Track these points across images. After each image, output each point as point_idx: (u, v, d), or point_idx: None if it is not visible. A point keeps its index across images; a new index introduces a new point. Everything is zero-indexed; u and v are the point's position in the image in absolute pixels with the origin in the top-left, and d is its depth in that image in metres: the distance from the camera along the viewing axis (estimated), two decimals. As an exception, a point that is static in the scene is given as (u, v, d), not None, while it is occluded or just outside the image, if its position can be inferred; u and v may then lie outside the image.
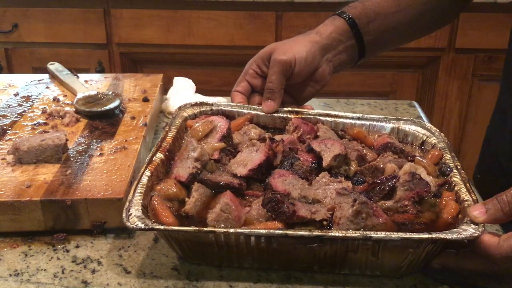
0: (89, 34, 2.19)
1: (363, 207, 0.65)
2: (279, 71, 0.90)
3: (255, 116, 0.93)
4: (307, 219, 0.65)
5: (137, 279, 0.67)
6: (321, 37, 0.94)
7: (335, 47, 0.95)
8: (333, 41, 0.94)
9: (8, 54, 2.25)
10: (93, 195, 0.74)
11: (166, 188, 0.72)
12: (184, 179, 0.74)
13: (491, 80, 2.14)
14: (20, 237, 0.75)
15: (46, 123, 0.98)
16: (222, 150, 0.81)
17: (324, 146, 0.79)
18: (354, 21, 0.94)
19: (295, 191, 0.71)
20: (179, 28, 2.15)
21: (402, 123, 0.88)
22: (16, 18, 2.18)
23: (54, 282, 0.67)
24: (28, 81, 1.19)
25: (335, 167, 0.78)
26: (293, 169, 0.77)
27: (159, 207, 0.69)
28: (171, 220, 0.67)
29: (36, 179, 0.78)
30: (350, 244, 0.63)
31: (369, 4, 0.96)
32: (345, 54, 0.96)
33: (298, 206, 0.67)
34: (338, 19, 0.96)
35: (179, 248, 0.68)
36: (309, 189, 0.73)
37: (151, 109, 1.04)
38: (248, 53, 2.17)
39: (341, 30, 0.94)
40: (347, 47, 0.96)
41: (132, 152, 0.86)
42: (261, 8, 2.11)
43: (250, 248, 0.65)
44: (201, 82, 1.36)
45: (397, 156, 0.80)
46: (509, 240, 0.60)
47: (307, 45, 0.92)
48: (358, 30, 0.94)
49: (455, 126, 2.26)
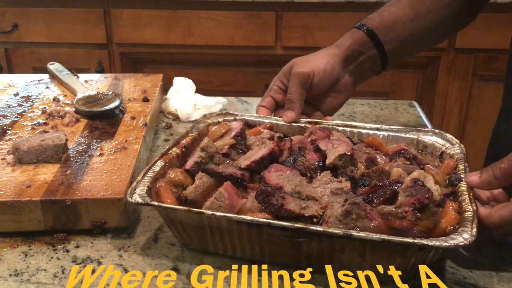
0: (89, 34, 2.19)
1: (353, 208, 0.64)
2: (298, 83, 0.93)
3: (275, 126, 0.94)
4: (296, 214, 0.66)
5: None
6: (340, 49, 0.96)
7: (356, 58, 0.96)
8: (353, 52, 0.96)
9: (8, 54, 2.25)
10: (93, 195, 0.74)
11: (173, 174, 0.77)
12: (189, 167, 0.78)
13: (491, 80, 2.14)
14: (20, 237, 0.75)
15: (46, 123, 0.98)
16: (233, 147, 0.84)
17: (330, 146, 0.79)
18: (373, 31, 0.95)
19: (289, 185, 0.71)
20: (179, 28, 2.15)
21: (422, 134, 0.86)
22: (16, 18, 2.18)
23: (54, 282, 0.67)
24: (28, 81, 1.19)
25: (340, 167, 0.77)
26: (295, 166, 0.77)
27: (162, 189, 0.73)
28: (171, 201, 0.71)
29: (36, 179, 0.78)
30: (336, 243, 0.62)
31: (386, 14, 0.97)
32: (367, 64, 0.97)
33: (288, 200, 0.68)
34: (356, 31, 0.97)
35: (176, 231, 0.71)
36: (306, 186, 0.73)
37: (151, 109, 1.04)
38: (248, 53, 2.20)
39: (361, 41, 0.96)
40: (368, 57, 0.97)
41: (132, 152, 0.86)
42: (261, 8, 2.11)
43: (241, 237, 0.66)
44: (201, 82, 1.36)
45: (409, 163, 0.79)
46: (499, 211, 0.64)
47: (326, 58, 0.95)
48: (378, 40, 0.95)
49: (455, 126, 2.26)
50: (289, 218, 0.66)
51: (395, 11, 0.97)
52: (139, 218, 0.80)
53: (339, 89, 0.98)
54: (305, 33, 2.14)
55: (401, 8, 0.97)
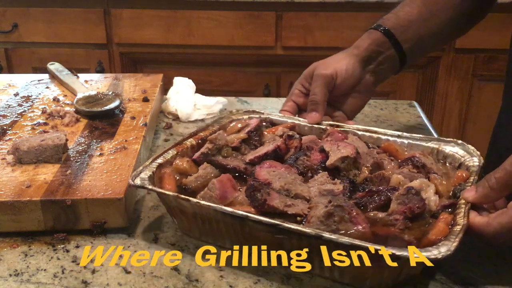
0: (89, 34, 2.19)
1: (336, 210, 0.64)
2: (321, 84, 0.94)
3: (297, 126, 0.94)
4: (279, 211, 0.66)
5: (137, 279, 0.67)
6: (359, 50, 0.97)
7: (375, 58, 0.97)
8: (372, 52, 0.97)
9: (8, 54, 2.25)
10: (93, 195, 0.74)
11: (179, 163, 0.79)
12: (196, 157, 0.80)
13: (491, 80, 2.14)
14: (20, 237, 0.75)
15: (46, 123, 0.98)
16: (246, 143, 0.85)
17: (335, 147, 0.79)
18: (390, 31, 0.96)
19: (278, 182, 0.72)
20: (179, 28, 2.15)
21: (443, 144, 0.84)
22: (16, 18, 2.18)
23: (54, 282, 0.67)
24: (28, 81, 1.19)
25: (343, 170, 0.77)
26: (295, 164, 0.77)
27: (166, 176, 0.76)
28: (170, 188, 0.73)
29: (36, 179, 0.78)
30: (314, 243, 0.62)
31: (401, 14, 0.98)
32: (386, 64, 0.98)
33: (273, 196, 0.68)
34: (374, 32, 0.98)
35: (173, 217, 0.74)
36: (299, 185, 0.73)
37: (151, 109, 1.04)
38: (248, 53, 2.20)
39: (379, 42, 0.96)
40: (387, 57, 0.97)
41: (132, 152, 0.86)
42: (261, 8, 2.11)
43: (227, 228, 0.68)
44: (201, 82, 1.36)
45: (416, 171, 0.77)
46: (497, 218, 0.62)
47: (346, 59, 0.96)
48: (395, 40, 0.96)
49: (455, 126, 2.26)
50: (274, 215, 0.66)
51: (410, 10, 0.98)
52: (139, 218, 0.80)
53: (360, 90, 0.98)
54: (305, 33, 2.14)
55: (415, 7, 0.98)
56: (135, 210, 0.81)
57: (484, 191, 0.65)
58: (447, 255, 0.56)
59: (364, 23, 2.16)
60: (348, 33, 2.12)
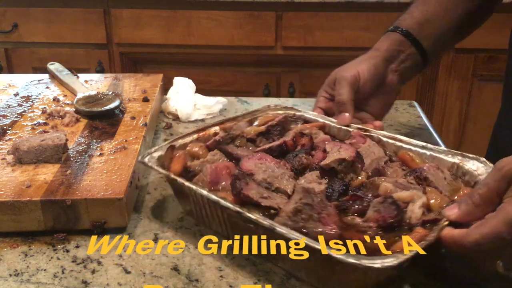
0: (89, 34, 2.19)
1: (305, 208, 0.64)
2: (346, 85, 0.93)
3: (327, 126, 0.93)
4: (254, 202, 0.68)
5: (137, 279, 0.67)
6: (380, 51, 0.97)
7: (397, 57, 0.97)
8: (393, 52, 0.97)
9: (8, 54, 2.25)
10: (93, 195, 0.74)
11: (192, 147, 0.82)
12: (209, 143, 0.84)
13: (491, 80, 2.14)
14: (20, 237, 0.75)
15: (46, 123, 0.98)
16: (265, 136, 0.87)
17: (336, 149, 0.79)
18: (408, 31, 0.97)
19: (262, 174, 0.72)
20: (179, 28, 2.15)
21: (466, 161, 0.80)
22: (16, 18, 2.18)
23: (54, 282, 0.67)
24: (28, 81, 1.19)
25: (340, 172, 0.76)
26: (292, 160, 0.78)
27: (177, 157, 0.79)
28: (177, 168, 0.77)
29: (36, 179, 0.78)
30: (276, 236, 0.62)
31: (417, 14, 0.99)
32: (409, 62, 0.98)
33: (251, 186, 0.69)
34: (392, 34, 0.98)
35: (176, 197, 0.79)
36: (285, 180, 0.73)
37: (151, 109, 1.04)
38: (248, 53, 2.20)
39: (398, 41, 0.97)
40: (408, 55, 0.98)
41: (132, 152, 0.86)
42: (261, 8, 2.11)
43: (214, 213, 0.71)
44: (201, 82, 1.36)
45: (416, 182, 0.75)
46: (478, 228, 0.58)
47: (367, 61, 0.96)
48: (414, 38, 0.97)
49: (455, 126, 2.26)
50: (251, 205, 0.68)
51: (424, 9, 0.99)
52: (139, 218, 0.80)
53: (386, 90, 0.98)
54: (305, 33, 2.14)
55: (430, 6, 0.99)
56: (135, 210, 0.81)
57: (468, 208, 0.61)
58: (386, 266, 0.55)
59: (364, 23, 2.17)
60: (348, 33, 2.12)
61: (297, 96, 2.20)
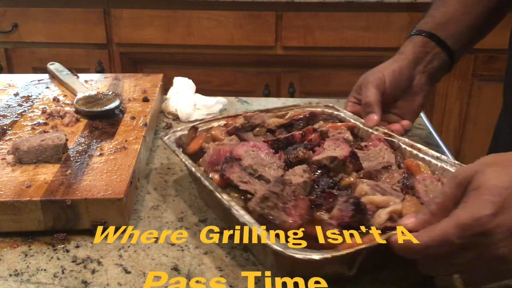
0: (89, 34, 2.19)
1: (271, 196, 0.66)
2: (372, 87, 0.94)
3: (356, 127, 0.93)
4: (234, 184, 0.72)
5: (137, 279, 0.67)
6: (405, 54, 0.97)
7: (423, 58, 0.97)
8: (419, 53, 0.97)
9: (8, 54, 2.25)
10: (93, 195, 0.74)
11: (215, 131, 0.88)
12: (229, 129, 0.89)
13: (491, 80, 2.14)
14: (20, 237, 0.75)
15: (46, 123, 0.98)
16: (286, 129, 0.90)
17: (333, 146, 0.79)
18: (431, 32, 0.97)
19: (248, 161, 0.76)
20: (179, 28, 2.15)
21: None
22: (16, 18, 2.18)
23: (54, 282, 0.67)
24: (28, 81, 1.19)
25: (332, 170, 0.77)
26: (288, 152, 0.79)
27: (198, 138, 0.87)
28: (194, 147, 0.84)
29: (36, 179, 0.78)
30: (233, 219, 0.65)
31: (438, 15, 0.99)
32: (436, 62, 0.98)
33: (234, 170, 0.74)
34: (415, 37, 0.98)
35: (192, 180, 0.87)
36: (273, 169, 0.76)
37: (151, 109, 1.04)
38: (248, 53, 2.20)
39: (423, 43, 0.97)
40: (435, 55, 0.98)
41: (132, 152, 0.86)
42: (261, 8, 2.11)
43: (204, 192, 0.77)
44: (201, 82, 1.36)
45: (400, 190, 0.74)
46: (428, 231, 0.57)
47: (393, 64, 0.96)
48: (439, 38, 0.97)
49: (455, 126, 2.26)
50: (233, 187, 0.72)
51: (445, 10, 0.99)
52: (139, 218, 0.80)
53: (414, 91, 0.98)
54: (305, 33, 2.14)
55: (450, 5, 0.99)
56: (135, 210, 0.81)
57: (424, 217, 0.60)
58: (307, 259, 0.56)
59: (364, 23, 2.17)
60: (348, 33, 2.12)
61: (297, 96, 2.20)
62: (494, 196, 0.55)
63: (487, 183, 0.56)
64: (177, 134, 0.86)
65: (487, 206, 0.54)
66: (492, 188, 0.55)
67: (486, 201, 0.55)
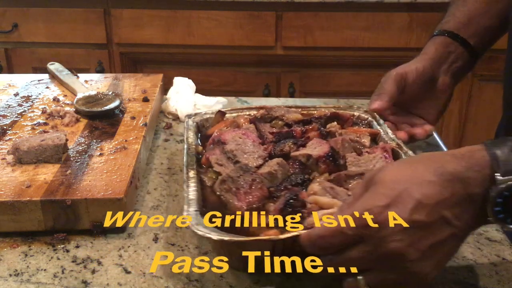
0: (89, 34, 2.19)
1: (228, 180, 0.73)
2: (391, 81, 0.94)
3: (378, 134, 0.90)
4: (211, 165, 0.79)
5: (137, 279, 0.67)
6: (428, 54, 0.97)
7: (447, 58, 0.97)
8: (442, 54, 0.97)
9: (8, 54, 2.25)
10: (93, 195, 0.74)
11: (240, 117, 0.95)
12: (251, 118, 0.94)
13: (491, 80, 2.14)
14: (20, 237, 0.75)
15: (46, 123, 0.98)
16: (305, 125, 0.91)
17: (315, 145, 0.80)
18: (453, 32, 0.97)
19: (231, 146, 0.81)
20: (179, 28, 2.15)
21: None
22: (16, 18, 2.18)
23: (54, 282, 0.67)
24: (28, 81, 1.19)
25: (308, 167, 0.78)
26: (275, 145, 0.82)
27: (223, 122, 0.93)
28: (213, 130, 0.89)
29: (36, 179, 0.78)
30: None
31: (459, 15, 0.99)
32: (460, 62, 0.98)
33: (214, 152, 0.81)
34: (437, 37, 0.98)
35: None
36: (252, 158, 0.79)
37: (151, 109, 1.04)
38: (248, 53, 2.21)
39: (446, 43, 0.97)
40: (458, 55, 0.98)
41: (132, 152, 0.86)
42: (261, 8, 2.11)
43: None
44: (201, 82, 1.36)
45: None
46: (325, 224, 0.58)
47: (416, 63, 0.96)
48: (461, 38, 0.97)
49: (455, 126, 2.26)
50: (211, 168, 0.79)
51: (466, 9, 0.99)
52: (139, 218, 0.80)
53: (438, 92, 0.98)
54: (305, 33, 2.14)
55: (470, 4, 0.99)
56: (135, 210, 0.81)
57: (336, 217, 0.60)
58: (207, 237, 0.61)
59: (364, 23, 2.17)
60: (348, 33, 2.12)
61: (297, 96, 2.20)
62: (387, 190, 0.56)
63: (384, 178, 0.57)
64: (204, 117, 0.95)
65: (379, 198, 0.55)
66: (387, 182, 0.56)
67: (379, 194, 0.56)
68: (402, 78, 0.94)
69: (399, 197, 0.55)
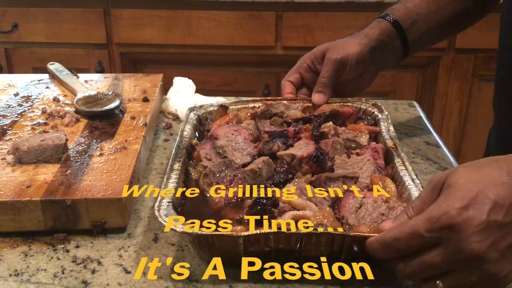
0: (89, 34, 2.18)
1: (210, 174, 0.76)
2: (332, 69, 0.97)
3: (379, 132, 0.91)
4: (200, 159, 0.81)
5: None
6: (370, 39, 0.98)
7: (383, 49, 0.99)
8: (381, 43, 0.98)
9: (8, 54, 2.25)
10: (93, 195, 0.74)
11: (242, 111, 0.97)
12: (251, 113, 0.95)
13: (491, 80, 2.12)
14: (20, 237, 0.75)
15: (46, 123, 0.98)
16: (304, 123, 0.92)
17: (302, 146, 0.81)
18: (398, 22, 0.98)
19: (222, 141, 0.83)
20: (179, 28, 2.15)
21: None
22: (16, 18, 2.18)
23: (54, 282, 0.67)
24: (28, 81, 1.19)
25: (292, 167, 0.78)
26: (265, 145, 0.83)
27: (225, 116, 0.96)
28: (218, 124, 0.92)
29: (36, 179, 0.78)
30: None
31: (410, 6, 1.00)
32: (390, 54, 1.01)
33: (205, 146, 0.83)
34: (383, 21, 1.00)
35: None
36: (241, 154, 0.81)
37: (151, 109, 1.04)
38: (248, 53, 2.21)
39: (387, 32, 0.98)
40: (393, 48, 1.00)
41: (132, 152, 0.86)
42: (261, 8, 2.11)
43: None
44: (201, 82, 1.36)
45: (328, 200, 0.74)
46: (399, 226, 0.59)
47: (359, 47, 0.97)
48: (402, 31, 0.98)
49: (455, 126, 2.26)
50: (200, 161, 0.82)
51: (418, 2, 1.00)
52: (139, 218, 0.80)
53: (364, 78, 1.01)
54: (305, 33, 2.14)
55: (424, 1, 1.00)
56: (135, 210, 0.81)
57: (401, 220, 0.62)
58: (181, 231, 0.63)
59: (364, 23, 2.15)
60: (348, 33, 2.09)
61: (297, 96, 2.20)
62: (463, 192, 0.56)
63: (458, 180, 0.57)
64: (208, 109, 0.97)
65: (456, 200, 0.55)
66: (463, 184, 0.56)
67: (456, 196, 0.56)
68: (343, 66, 0.96)
69: (475, 198, 0.55)
